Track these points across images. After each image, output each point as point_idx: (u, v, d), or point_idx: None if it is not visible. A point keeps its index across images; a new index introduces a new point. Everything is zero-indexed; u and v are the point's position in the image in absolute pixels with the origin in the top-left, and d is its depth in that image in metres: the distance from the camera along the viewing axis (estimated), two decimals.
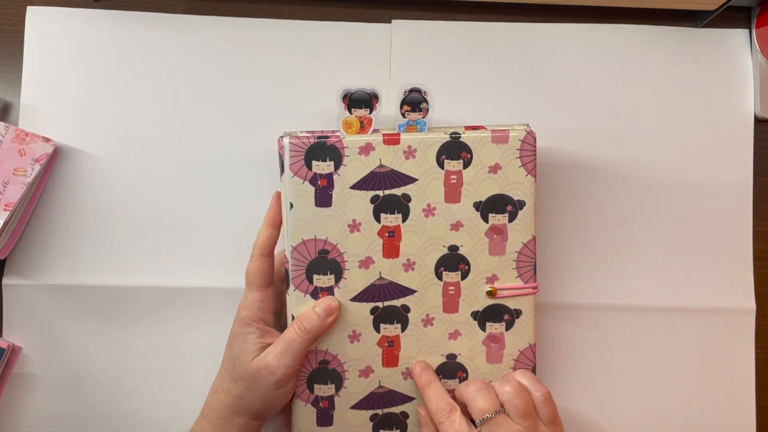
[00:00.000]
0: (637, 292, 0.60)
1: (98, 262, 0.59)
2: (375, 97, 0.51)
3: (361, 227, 0.51)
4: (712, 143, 0.60)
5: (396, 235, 0.51)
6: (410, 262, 0.51)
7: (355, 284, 0.52)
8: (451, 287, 0.52)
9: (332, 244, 0.51)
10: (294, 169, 0.51)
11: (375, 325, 0.52)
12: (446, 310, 0.52)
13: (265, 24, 0.60)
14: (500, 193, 0.51)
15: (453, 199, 0.51)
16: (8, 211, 0.55)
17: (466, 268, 0.52)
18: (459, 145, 0.51)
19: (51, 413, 0.59)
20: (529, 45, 0.60)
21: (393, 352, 0.52)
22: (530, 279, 0.52)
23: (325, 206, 0.51)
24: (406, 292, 0.52)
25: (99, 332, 0.59)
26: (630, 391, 0.60)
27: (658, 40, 0.61)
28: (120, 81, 0.59)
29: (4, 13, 0.60)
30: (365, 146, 0.50)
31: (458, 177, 0.51)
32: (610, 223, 0.60)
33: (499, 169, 0.51)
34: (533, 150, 0.51)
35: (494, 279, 0.52)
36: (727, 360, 0.60)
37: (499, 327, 0.52)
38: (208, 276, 0.59)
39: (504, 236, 0.52)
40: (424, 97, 0.51)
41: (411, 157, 0.51)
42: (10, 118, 0.60)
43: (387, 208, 0.51)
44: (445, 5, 0.61)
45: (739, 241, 0.60)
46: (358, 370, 0.52)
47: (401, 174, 0.51)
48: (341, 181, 0.51)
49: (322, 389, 0.52)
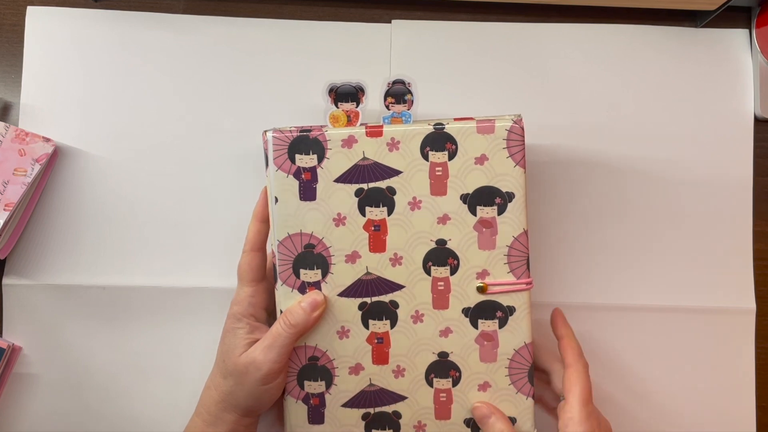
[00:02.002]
0: (636, 292, 0.60)
1: (98, 262, 0.59)
2: (361, 91, 0.50)
3: (346, 221, 0.50)
4: (712, 143, 0.60)
5: (382, 229, 0.50)
6: (397, 257, 0.50)
7: (342, 279, 0.51)
8: (440, 282, 0.51)
9: (318, 238, 0.50)
10: (278, 163, 0.50)
11: (364, 321, 0.51)
12: (436, 306, 0.51)
13: (265, 24, 0.60)
14: (488, 185, 0.50)
15: (439, 192, 0.50)
16: (8, 211, 0.55)
17: (455, 262, 0.50)
18: (443, 136, 0.50)
19: (51, 413, 0.59)
20: (529, 45, 0.60)
21: (383, 349, 0.51)
22: (523, 274, 0.51)
23: (309, 200, 0.50)
24: (394, 287, 0.51)
25: (99, 332, 0.59)
26: (630, 391, 0.60)
27: (658, 40, 0.61)
28: (120, 81, 0.59)
29: (4, 13, 0.60)
30: (348, 139, 0.50)
31: (443, 169, 0.50)
32: (609, 223, 0.60)
33: (486, 160, 0.50)
34: (521, 140, 0.50)
35: (485, 274, 0.50)
36: (727, 360, 0.60)
37: (491, 324, 0.51)
38: (207, 276, 0.59)
39: (493, 230, 0.50)
40: (408, 88, 0.50)
41: (394, 149, 0.50)
42: (10, 118, 0.60)
43: (372, 201, 0.50)
44: (445, 5, 0.61)
45: (739, 241, 0.60)
46: (348, 367, 0.52)
47: (385, 166, 0.50)
48: (325, 175, 0.50)
49: (312, 386, 0.52)
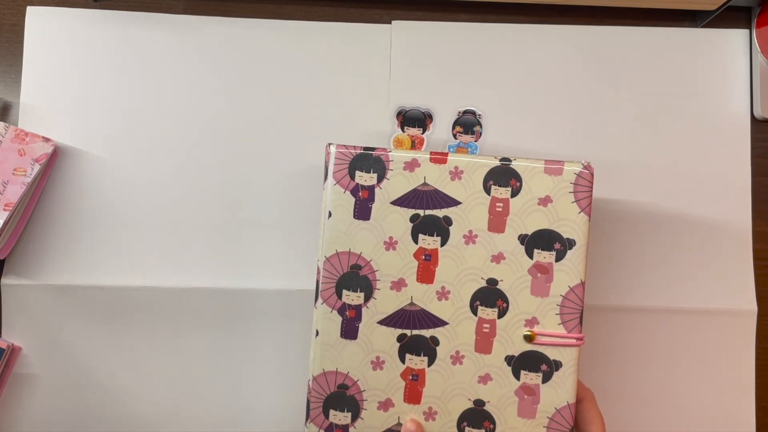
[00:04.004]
0: (637, 294, 0.60)
1: (98, 262, 0.59)
2: (429, 117, 0.49)
3: (397, 246, 0.49)
4: (712, 143, 0.60)
5: (432, 259, 0.48)
6: (444, 291, 0.48)
7: (384, 306, 0.49)
8: (486, 324, 0.48)
9: (366, 260, 0.49)
10: (337, 177, 0.49)
11: (400, 355, 0.49)
12: (478, 350, 0.48)
13: (265, 24, 0.60)
14: (548, 229, 0.48)
15: (497, 229, 0.48)
16: (8, 211, 0.55)
17: (504, 305, 0.48)
18: (509, 172, 0.48)
19: (51, 413, 0.59)
20: (528, 46, 0.60)
21: (416, 387, 0.49)
22: (575, 328, 0.48)
23: (363, 219, 0.49)
24: (437, 322, 0.48)
25: (98, 332, 0.59)
26: (630, 392, 0.60)
27: (658, 40, 0.61)
28: (119, 81, 0.59)
29: (4, 13, 0.60)
30: (411, 162, 0.48)
31: (504, 205, 0.48)
32: (608, 224, 0.60)
33: (550, 202, 0.48)
34: (589, 186, 0.48)
35: (534, 322, 0.48)
36: (727, 361, 0.60)
37: (535, 377, 0.48)
38: (207, 276, 0.59)
39: (549, 276, 0.48)
40: (478, 120, 0.49)
41: (457, 179, 0.48)
42: (9, 118, 0.60)
43: (426, 229, 0.48)
44: (445, 5, 0.61)
45: (739, 241, 0.60)
46: (378, 402, 0.49)
47: (445, 195, 0.48)
48: (382, 195, 0.49)
49: (338, 416, 0.49)
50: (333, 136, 0.59)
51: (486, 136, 0.49)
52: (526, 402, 0.48)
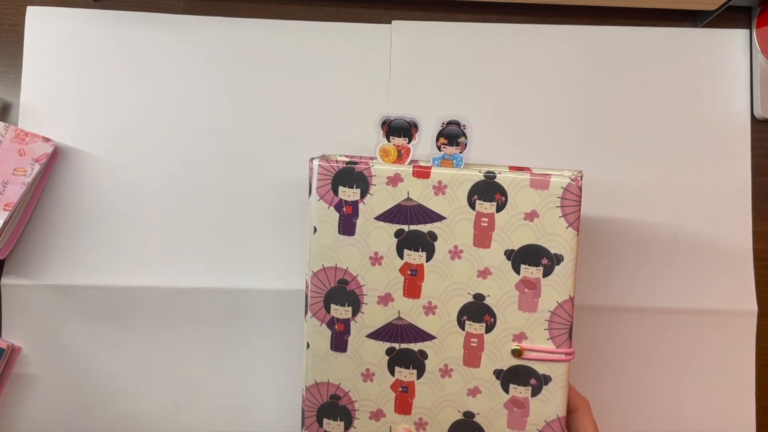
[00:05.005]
0: (637, 294, 0.60)
1: (98, 262, 0.59)
2: (415, 127, 0.48)
3: (383, 261, 0.48)
4: (712, 143, 0.60)
5: (419, 274, 0.48)
6: (431, 306, 0.48)
7: (372, 320, 0.49)
8: (473, 339, 0.48)
9: (352, 275, 0.49)
10: (320, 193, 0.48)
11: (390, 367, 0.49)
12: (467, 363, 0.48)
13: (265, 24, 0.60)
14: (535, 244, 0.47)
15: (482, 244, 0.47)
16: (8, 211, 0.55)
17: (491, 320, 0.48)
18: (493, 186, 0.47)
19: (51, 413, 0.59)
20: (529, 46, 0.60)
21: (406, 399, 0.49)
22: (564, 343, 0.47)
23: (348, 234, 0.48)
24: (424, 336, 0.49)
25: (98, 332, 0.59)
26: (630, 392, 0.60)
27: (658, 40, 0.61)
28: (119, 81, 0.59)
29: (4, 13, 0.60)
30: (394, 177, 0.48)
31: (490, 220, 0.47)
32: (607, 222, 0.60)
33: (536, 216, 0.47)
34: (577, 200, 0.47)
35: (522, 337, 0.48)
36: (727, 361, 0.60)
37: (524, 391, 0.48)
38: (207, 276, 0.59)
39: (536, 291, 0.47)
40: (462, 131, 0.48)
41: (440, 193, 0.48)
42: (9, 118, 0.60)
43: (411, 244, 0.48)
44: (445, 5, 0.61)
45: (739, 241, 0.60)
46: (369, 412, 0.50)
47: (429, 210, 0.48)
48: (366, 211, 0.48)
49: (331, 425, 0.50)
50: (333, 136, 0.59)
51: (486, 136, 0.48)
52: (516, 415, 0.48)
